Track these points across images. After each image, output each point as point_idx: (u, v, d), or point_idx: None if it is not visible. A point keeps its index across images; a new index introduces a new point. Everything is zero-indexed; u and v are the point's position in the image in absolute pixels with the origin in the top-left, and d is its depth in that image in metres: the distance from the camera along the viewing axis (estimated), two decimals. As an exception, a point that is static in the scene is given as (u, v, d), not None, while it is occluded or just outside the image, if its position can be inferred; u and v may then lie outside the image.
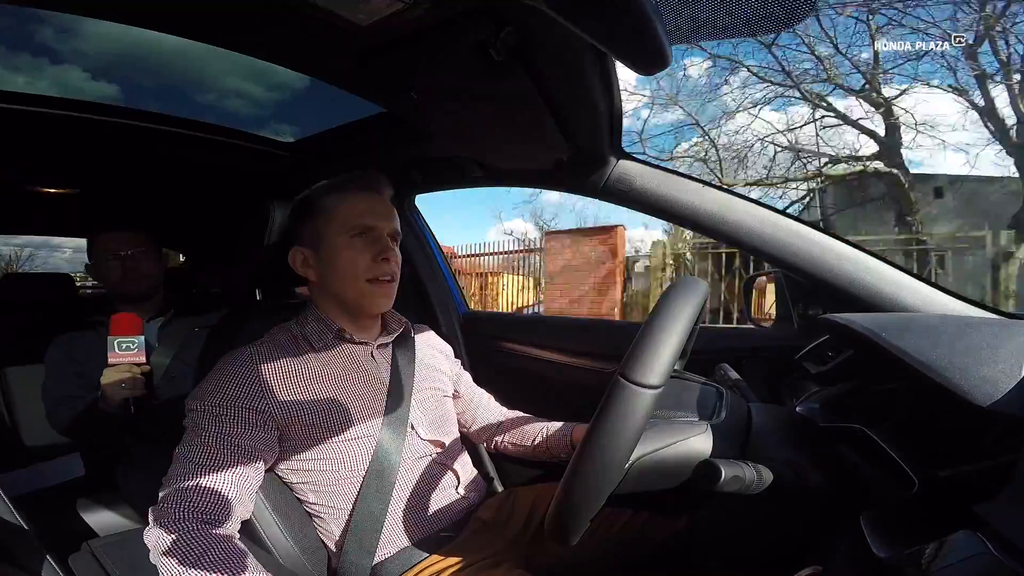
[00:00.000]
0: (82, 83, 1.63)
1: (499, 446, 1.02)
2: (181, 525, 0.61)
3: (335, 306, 0.85)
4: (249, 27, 0.68)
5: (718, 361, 0.80)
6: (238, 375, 0.74)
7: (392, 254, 0.82)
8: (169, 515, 0.62)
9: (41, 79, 1.61)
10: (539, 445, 0.96)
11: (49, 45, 1.54)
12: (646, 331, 0.47)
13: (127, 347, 1.13)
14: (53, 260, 14.88)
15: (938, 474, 0.48)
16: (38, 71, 1.57)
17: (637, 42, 0.51)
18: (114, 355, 1.13)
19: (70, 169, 1.35)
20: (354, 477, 0.78)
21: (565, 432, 0.94)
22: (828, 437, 0.58)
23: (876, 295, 0.79)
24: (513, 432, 1.00)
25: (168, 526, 0.61)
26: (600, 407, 0.46)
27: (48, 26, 1.55)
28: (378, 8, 0.58)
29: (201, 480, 0.66)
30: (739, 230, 0.86)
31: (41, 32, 1.55)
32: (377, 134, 1.07)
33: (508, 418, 1.04)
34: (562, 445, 0.93)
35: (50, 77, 1.64)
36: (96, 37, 1.49)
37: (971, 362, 0.47)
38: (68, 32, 1.57)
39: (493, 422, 1.03)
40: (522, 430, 0.99)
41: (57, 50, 1.54)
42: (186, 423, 0.73)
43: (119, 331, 1.13)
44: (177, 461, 0.68)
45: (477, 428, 1.03)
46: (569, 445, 0.92)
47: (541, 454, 0.96)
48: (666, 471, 0.54)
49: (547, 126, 0.82)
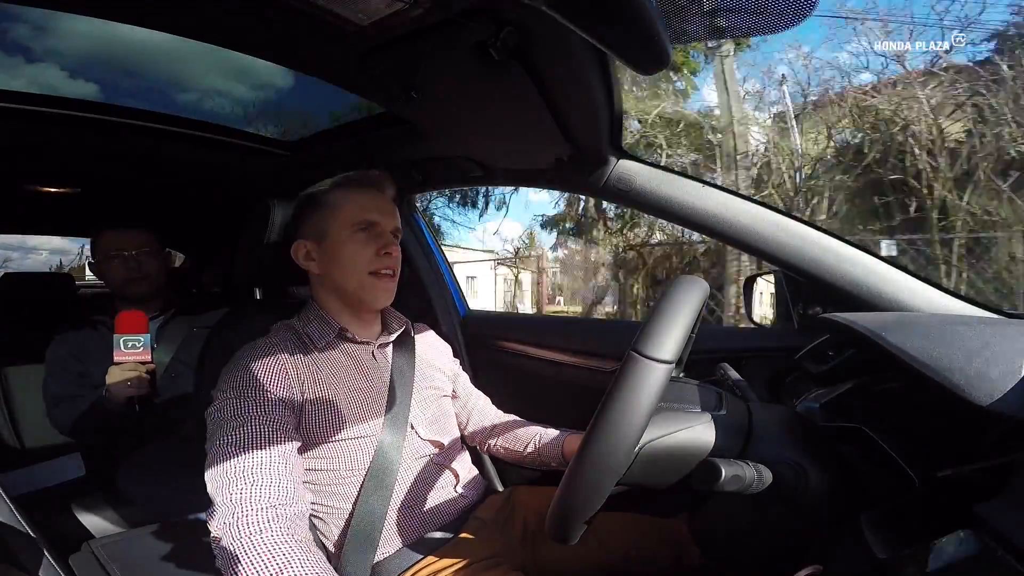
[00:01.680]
0: (82, 83, 1.63)
1: (492, 449, 1.02)
2: (256, 525, 0.57)
3: (336, 300, 0.85)
4: (249, 27, 0.68)
5: (718, 361, 0.80)
6: (265, 364, 0.74)
7: (394, 248, 0.84)
8: (240, 512, 0.57)
9: (42, 78, 1.62)
10: (531, 453, 0.96)
11: (52, 45, 1.54)
12: (657, 310, 0.49)
13: (133, 345, 1.13)
14: (27, 263, 14.93)
15: (938, 474, 0.48)
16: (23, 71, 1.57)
17: (637, 42, 0.51)
18: (120, 353, 1.13)
19: (72, 168, 1.35)
20: (354, 477, 0.78)
21: (558, 442, 0.93)
22: (828, 437, 0.58)
23: (876, 295, 0.79)
24: (506, 436, 1.00)
25: (243, 527, 0.56)
26: (612, 383, 0.46)
27: (49, 25, 1.55)
28: (378, 8, 0.58)
29: (255, 467, 0.62)
30: (739, 230, 0.87)
31: (42, 32, 1.55)
32: (377, 134, 1.07)
33: (502, 422, 1.04)
34: (554, 454, 0.92)
35: (50, 76, 1.64)
36: (97, 37, 1.49)
37: (971, 362, 0.47)
38: (73, 31, 1.57)
39: (487, 425, 1.02)
40: (515, 435, 0.99)
41: (52, 49, 1.54)
42: (216, 415, 0.68)
43: (124, 329, 1.13)
44: (218, 453, 0.63)
45: (471, 430, 1.03)
46: (561, 455, 0.91)
47: (532, 461, 0.96)
48: (672, 461, 0.54)
49: (547, 126, 0.82)
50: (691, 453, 0.55)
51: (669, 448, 0.54)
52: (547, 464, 0.94)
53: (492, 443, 1.01)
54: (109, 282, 1.33)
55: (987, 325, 0.56)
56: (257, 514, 0.58)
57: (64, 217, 1.79)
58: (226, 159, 1.26)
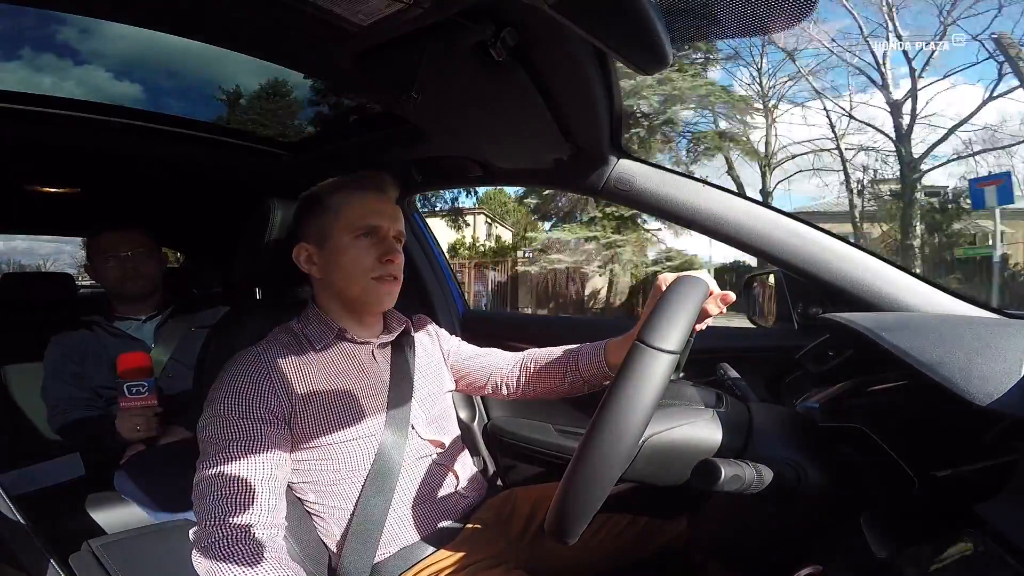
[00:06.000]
0: (80, 83, 1.63)
1: (527, 392, 0.94)
2: (232, 550, 0.62)
3: (337, 303, 0.85)
4: (249, 27, 0.68)
5: (718, 361, 0.80)
6: (250, 377, 0.73)
7: (397, 255, 0.82)
8: (215, 537, 0.63)
9: (39, 79, 1.61)
10: (573, 383, 0.89)
11: (47, 44, 1.54)
12: (662, 303, 0.51)
13: (138, 391, 1.12)
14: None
15: (938, 474, 0.48)
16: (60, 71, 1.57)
17: (637, 42, 0.51)
18: (125, 400, 1.12)
19: (71, 169, 1.35)
20: (355, 477, 0.78)
21: (598, 356, 0.85)
22: (828, 437, 0.59)
23: (876, 295, 0.79)
24: (538, 374, 0.92)
25: (217, 552, 0.62)
26: (618, 374, 0.47)
27: (49, 25, 1.55)
28: (378, 8, 0.58)
29: (237, 495, 0.66)
30: (739, 230, 0.87)
31: (42, 32, 1.55)
32: (377, 134, 1.07)
33: (526, 359, 0.95)
34: (600, 373, 0.85)
35: (49, 77, 1.64)
36: (96, 37, 1.49)
37: (971, 361, 0.47)
38: (65, 32, 1.57)
39: (510, 369, 0.95)
40: (546, 369, 0.91)
41: (52, 49, 1.54)
42: (203, 434, 0.71)
43: (128, 373, 1.12)
44: (205, 478, 0.67)
45: (496, 381, 0.96)
46: (607, 368, 0.84)
47: (578, 390, 0.89)
48: (675, 456, 0.54)
49: (547, 126, 0.82)
50: (694, 448, 0.55)
51: (673, 443, 0.54)
52: (598, 385, 0.87)
53: (525, 386, 0.94)
54: (105, 282, 1.33)
55: (987, 325, 0.56)
56: (228, 540, 0.63)
57: (63, 217, 1.79)
58: (226, 159, 1.26)
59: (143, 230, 1.36)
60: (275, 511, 0.68)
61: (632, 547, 0.83)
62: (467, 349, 1.01)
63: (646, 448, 0.53)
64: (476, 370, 0.97)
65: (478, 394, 1.02)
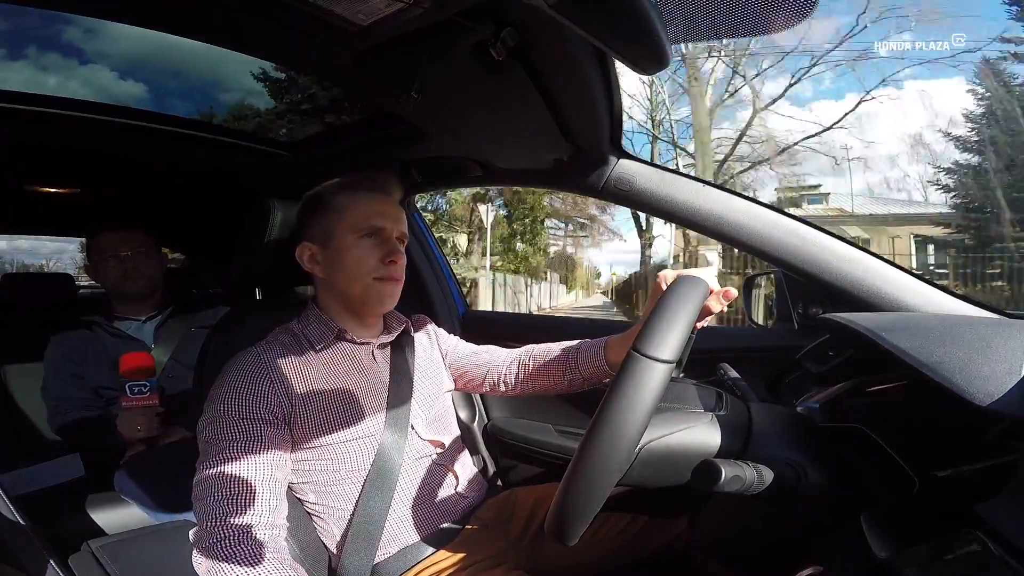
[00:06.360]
0: (86, 82, 1.63)
1: (525, 388, 0.93)
2: (233, 550, 0.62)
3: (339, 303, 0.85)
4: (249, 27, 0.68)
5: (718, 361, 0.80)
6: (250, 378, 0.73)
7: (399, 256, 0.83)
8: (216, 538, 0.63)
9: (45, 79, 1.62)
10: (572, 380, 0.88)
11: (48, 44, 1.54)
12: (658, 311, 0.50)
13: (139, 391, 1.13)
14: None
15: (938, 474, 0.48)
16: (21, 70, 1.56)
17: (637, 42, 0.51)
18: (127, 399, 1.13)
19: (71, 169, 1.35)
20: (355, 477, 0.78)
21: (598, 354, 0.85)
22: (828, 437, 0.59)
23: (876, 295, 0.79)
24: (537, 372, 0.91)
25: (217, 552, 0.62)
26: (613, 382, 0.47)
27: (49, 25, 1.55)
28: (378, 8, 0.58)
29: (237, 495, 0.66)
30: (739, 230, 0.87)
31: (41, 32, 1.55)
32: (377, 134, 1.07)
33: (524, 356, 0.94)
34: (600, 371, 0.85)
35: (54, 76, 1.64)
36: (96, 36, 1.49)
37: (971, 361, 0.47)
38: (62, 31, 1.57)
39: (508, 367, 0.95)
40: (545, 367, 0.91)
41: (51, 49, 1.54)
42: (203, 435, 0.71)
43: (130, 372, 1.13)
44: (206, 479, 0.67)
45: (493, 379, 0.95)
46: (607, 368, 0.84)
47: (578, 388, 0.89)
48: (673, 461, 0.54)
49: (547, 126, 0.82)
50: (692, 453, 0.55)
51: (670, 448, 0.54)
52: (599, 383, 0.86)
53: (523, 383, 0.93)
54: (105, 282, 1.33)
55: (987, 325, 0.56)
56: (229, 540, 0.63)
57: (63, 217, 1.79)
58: (226, 159, 1.26)
59: (143, 230, 1.36)
60: (276, 511, 0.68)
61: (632, 547, 0.83)
62: (465, 347, 1.00)
63: (643, 454, 0.53)
64: (474, 367, 0.97)
65: (477, 392, 1.02)
